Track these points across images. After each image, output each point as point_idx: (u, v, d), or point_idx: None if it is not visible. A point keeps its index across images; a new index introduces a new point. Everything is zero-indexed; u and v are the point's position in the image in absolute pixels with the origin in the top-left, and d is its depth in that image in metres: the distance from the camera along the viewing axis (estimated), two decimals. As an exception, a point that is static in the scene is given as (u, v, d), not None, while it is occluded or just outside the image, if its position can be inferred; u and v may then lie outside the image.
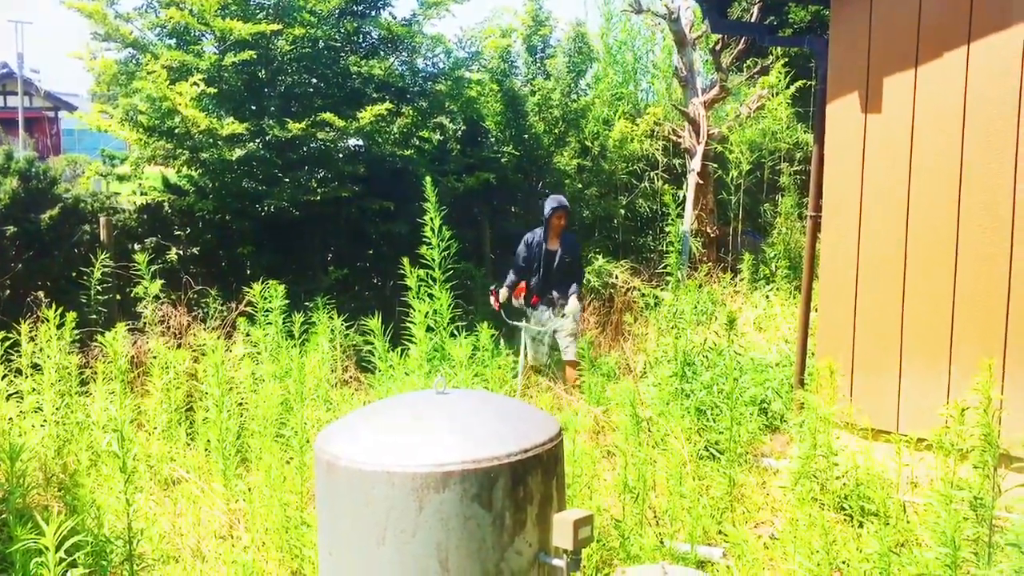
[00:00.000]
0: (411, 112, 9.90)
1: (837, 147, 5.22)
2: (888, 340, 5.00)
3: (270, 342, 6.07)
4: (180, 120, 8.19)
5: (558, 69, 11.00)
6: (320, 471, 2.62)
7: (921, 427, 4.34)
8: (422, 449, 2.46)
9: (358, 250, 9.61)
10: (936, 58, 4.71)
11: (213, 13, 8.24)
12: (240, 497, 4.69)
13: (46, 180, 7.69)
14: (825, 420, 4.21)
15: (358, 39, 9.63)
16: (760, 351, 7.63)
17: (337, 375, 6.42)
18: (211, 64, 8.42)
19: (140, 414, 5.57)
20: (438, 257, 5.30)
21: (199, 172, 8.84)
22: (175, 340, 6.66)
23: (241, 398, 5.42)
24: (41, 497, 4.63)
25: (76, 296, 6.97)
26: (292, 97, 9.02)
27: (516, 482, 2.48)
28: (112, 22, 8.59)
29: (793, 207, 10.89)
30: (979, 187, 4.60)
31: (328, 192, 8.57)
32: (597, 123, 11.54)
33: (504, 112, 10.70)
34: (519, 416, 2.71)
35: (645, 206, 11.66)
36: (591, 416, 5.65)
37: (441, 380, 2.79)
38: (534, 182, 10.83)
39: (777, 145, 11.84)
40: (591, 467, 4.38)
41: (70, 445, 5.00)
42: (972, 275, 4.65)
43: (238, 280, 7.94)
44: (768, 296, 9.61)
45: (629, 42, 13.64)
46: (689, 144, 10.93)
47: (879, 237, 5.02)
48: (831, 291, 5.31)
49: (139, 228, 8.35)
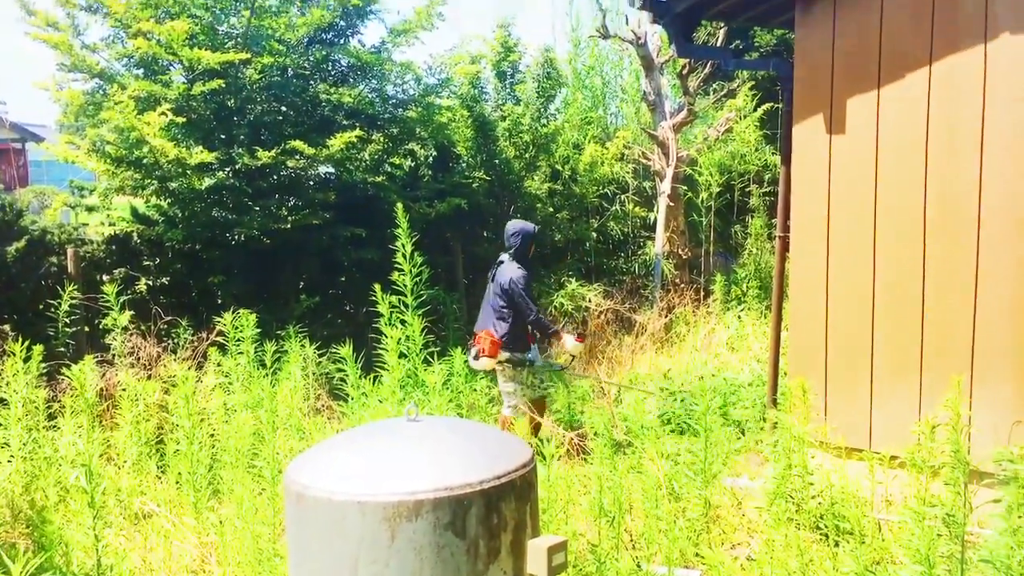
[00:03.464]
0: (382, 139, 9.91)
1: (804, 168, 5.28)
2: (859, 358, 5.04)
3: (242, 372, 6.01)
4: (148, 150, 8.14)
5: (528, 94, 11.07)
6: (290, 502, 2.59)
7: (894, 444, 4.36)
8: (393, 477, 2.44)
9: (330, 277, 9.57)
10: (898, 79, 4.79)
11: (181, 43, 8.21)
12: (212, 530, 4.62)
13: (12, 212, 7.60)
14: (799, 439, 4.22)
15: (327, 67, 9.65)
16: (733, 371, 7.66)
17: (310, 404, 6.37)
18: (179, 94, 8.39)
19: (109, 448, 5.48)
20: (410, 283, 5.28)
21: (168, 202, 8.78)
22: (145, 372, 6.57)
23: (212, 429, 5.36)
24: (8, 534, 4.54)
25: (43, 328, 6.87)
26: (262, 125, 8.99)
27: (489, 509, 2.46)
28: (78, 53, 8.55)
29: (763, 228, 11.00)
30: (944, 206, 4.67)
31: (299, 220, 8.53)
32: (567, 147, 11.61)
33: (475, 138, 10.74)
34: (491, 442, 2.69)
35: (617, 229, 11.72)
36: (566, 440, 5.63)
37: (413, 407, 2.77)
38: (506, 207, 10.86)
39: (746, 167, 11.97)
40: (566, 492, 4.37)
41: (38, 481, 4.91)
42: (939, 293, 4.70)
43: (209, 310, 7.87)
44: (740, 316, 9.67)
45: (597, 67, 13.78)
46: (659, 167, 11.01)
47: (847, 256, 5.07)
48: (801, 310, 5.35)
49: (107, 259, 8.27)
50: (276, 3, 9.30)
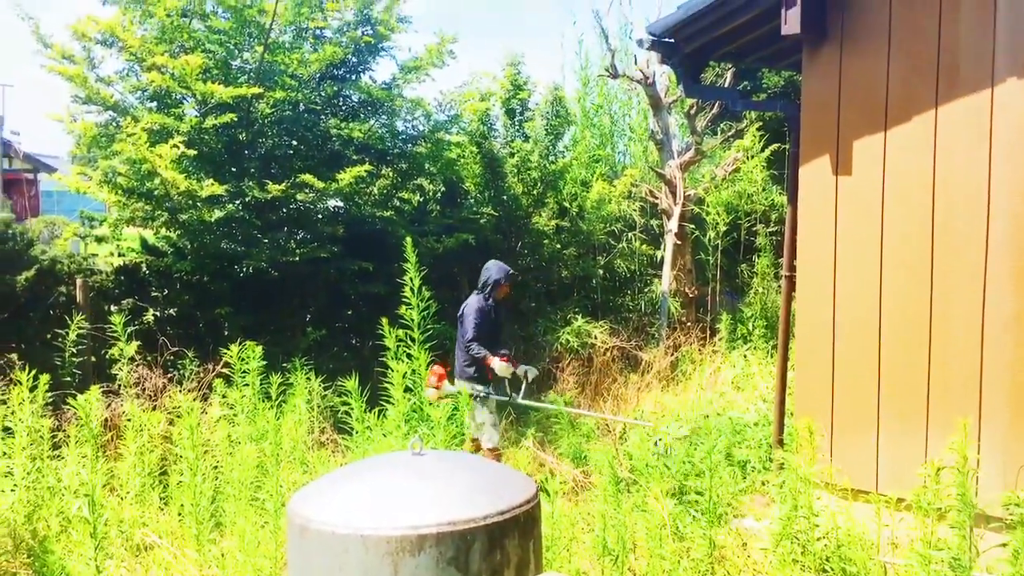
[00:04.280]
0: (391, 174, 9.98)
1: (810, 208, 5.30)
2: (865, 399, 5.02)
3: (247, 404, 6.00)
4: (160, 182, 8.21)
5: (536, 132, 11.16)
6: (293, 534, 2.58)
7: (900, 487, 4.33)
8: (397, 511, 2.43)
9: (337, 311, 9.59)
10: (904, 122, 4.82)
11: (194, 77, 8.32)
12: (213, 563, 4.59)
13: (23, 241, 7.66)
14: (805, 480, 4.20)
15: (338, 102, 9.75)
16: (739, 411, 7.63)
17: (314, 437, 6.35)
18: (192, 127, 8.48)
19: (113, 478, 5.47)
20: (417, 318, 5.29)
21: (178, 233, 8.84)
22: (150, 402, 6.57)
23: (216, 461, 5.34)
24: (10, 564, 4.52)
25: (51, 358, 6.88)
26: (272, 159, 9.08)
27: (493, 545, 2.45)
28: (93, 85, 8.66)
29: (769, 267, 11.00)
30: (951, 248, 4.67)
31: (307, 253, 8.58)
32: (575, 184, 11.67)
33: (483, 173, 10.81)
34: (496, 477, 2.69)
35: (623, 266, 11.74)
36: (570, 477, 5.61)
37: (417, 441, 2.77)
38: (513, 242, 10.90)
39: (753, 206, 12.00)
40: (569, 529, 4.34)
41: (41, 510, 4.90)
42: (946, 335, 4.69)
43: (216, 341, 7.88)
44: (746, 356, 9.65)
45: (606, 106, 13.89)
46: (666, 205, 11.05)
47: (854, 297, 5.07)
48: (808, 351, 5.34)
49: (116, 289, 8.31)
50: (289, 39, 9.42)
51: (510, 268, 7.35)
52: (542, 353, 10.00)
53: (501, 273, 7.16)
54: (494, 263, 7.31)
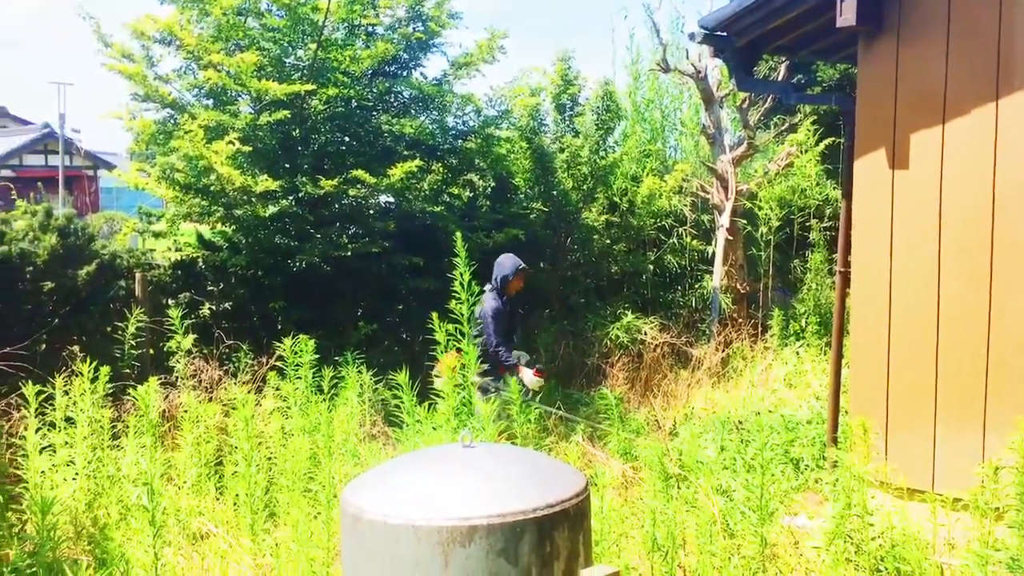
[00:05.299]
0: (441, 169, 10.04)
1: (865, 203, 5.22)
2: (922, 397, 4.93)
3: (299, 396, 6.09)
4: (216, 178, 8.36)
5: (586, 127, 11.12)
6: (346, 524, 2.62)
7: (957, 486, 4.25)
8: (448, 502, 2.45)
9: (387, 305, 9.67)
10: (964, 115, 4.72)
11: (249, 74, 8.44)
12: (267, 552, 4.67)
13: (84, 237, 7.84)
14: (859, 479, 4.14)
15: (390, 99, 9.82)
16: (791, 408, 7.55)
17: (365, 429, 6.42)
18: (247, 123, 8.61)
19: (170, 468, 5.59)
20: (467, 312, 5.31)
21: (233, 228, 8.98)
22: (206, 394, 6.70)
23: (270, 452, 5.43)
24: (71, 550, 4.64)
25: (110, 350, 7.05)
26: (325, 155, 9.18)
27: (542, 537, 2.46)
28: (152, 83, 8.84)
29: (823, 263, 10.84)
30: (1011, 243, 4.57)
31: (359, 248, 8.66)
32: (625, 179, 11.61)
33: (533, 169, 10.81)
34: (546, 470, 2.69)
35: (674, 262, 11.66)
36: (620, 472, 5.60)
37: (467, 434, 2.79)
38: (563, 238, 10.89)
39: (806, 201, 11.83)
40: (619, 524, 4.33)
41: (101, 498, 5.02)
42: (1005, 332, 4.59)
43: (269, 335, 8.01)
44: (798, 352, 9.52)
45: (657, 100, 13.79)
46: (718, 200, 10.96)
47: (910, 293, 4.98)
48: (863, 347, 5.27)
49: (173, 283, 8.48)
50: (342, 36, 9.51)
51: (520, 261, 7.31)
52: (591, 348, 9.99)
53: (510, 269, 7.13)
54: (504, 257, 7.29)
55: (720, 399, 8.52)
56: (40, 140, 35.75)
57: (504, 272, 7.12)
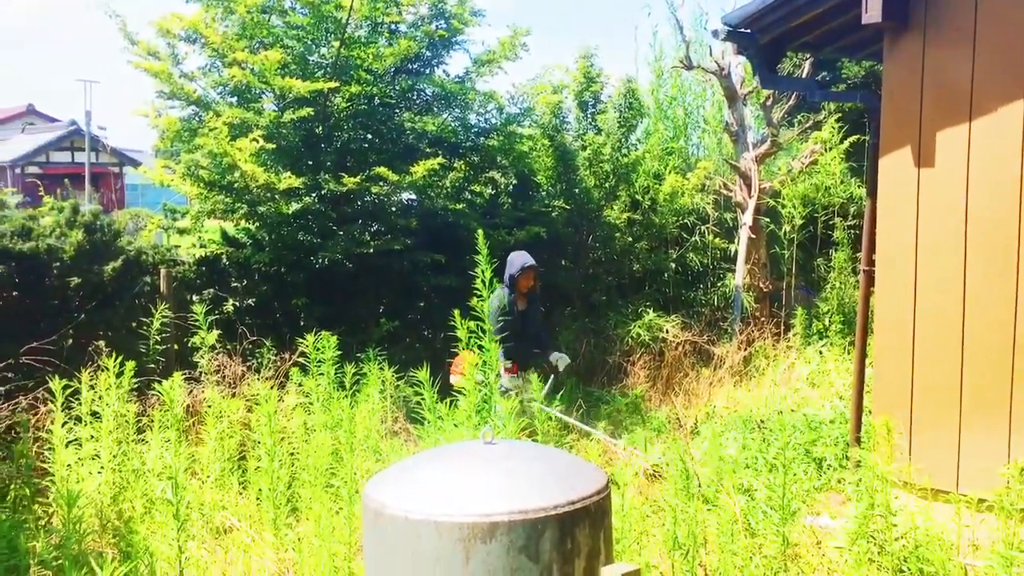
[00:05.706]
0: (463, 167, 10.05)
1: (890, 201, 5.18)
2: (947, 397, 4.89)
3: (322, 392, 6.12)
4: (239, 175, 8.41)
5: (609, 124, 11.09)
6: (368, 519, 2.63)
7: (982, 487, 4.22)
8: (469, 499, 2.46)
9: (409, 302, 9.70)
10: (991, 112, 4.67)
11: (273, 72, 8.49)
12: (290, 547, 4.70)
13: (110, 233, 7.92)
14: (883, 479, 4.11)
15: (412, 96, 9.85)
16: (814, 408, 7.50)
17: (387, 426, 6.45)
18: (270, 121, 8.66)
19: (194, 462, 5.63)
20: (487, 309, 5.32)
21: (256, 225, 9.05)
22: (230, 389, 6.75)
23: (293, 448, 5.46)
24: (96, 543, 4.69)
25: (136, 345, 7.11)
26: (347, 152, 9.21)
27: (563, 534, 2.46)
28: (177, 81, 8.91)
29: (847, 261, 10.76)
30: (1038, 241, 4.52)
31: (381, 245, 8.69)
32: (648, 177, 11.57)
33: (555, 166, 10.81)
34: (567, 467, 2.70)
35: (696, 260, 11.61)
36: (641, 470, 5.59)
37: (489, 430, 2.80)
38: (584, 236, 10.88)
39: (830, 199, 11.74)
40: (640, 522, 4.33)
41: (126, 492, 5.07)
42: (1032, 331, 4.55)
43: (292, 331, 8.05)
44: (821, 352, 9.47)
45: (680, 97, 13.74)
46: (741, 198, 10.90)
47: (935, 291, 4.94)
48: (887, 347, 5.23)
49: (197, 280, 8.55)
50: (365, 34, 9.55)
51: (528, 259, 7.29)
52: (612, 347, 9.97)
53: (517, 267, 7.14)
54: (515, 254, 7.29)
55: (742, 398, 8.48)
56: (67, 137, 36.11)
57: (511, 270, 7.15)
